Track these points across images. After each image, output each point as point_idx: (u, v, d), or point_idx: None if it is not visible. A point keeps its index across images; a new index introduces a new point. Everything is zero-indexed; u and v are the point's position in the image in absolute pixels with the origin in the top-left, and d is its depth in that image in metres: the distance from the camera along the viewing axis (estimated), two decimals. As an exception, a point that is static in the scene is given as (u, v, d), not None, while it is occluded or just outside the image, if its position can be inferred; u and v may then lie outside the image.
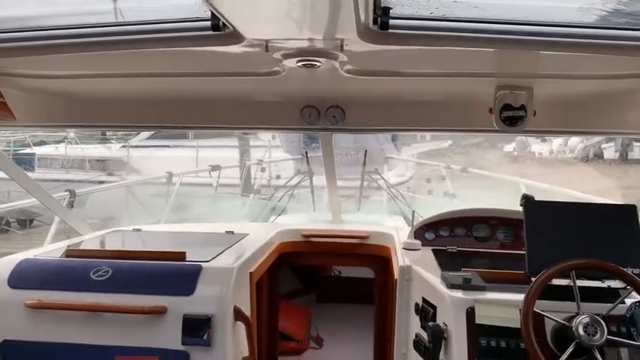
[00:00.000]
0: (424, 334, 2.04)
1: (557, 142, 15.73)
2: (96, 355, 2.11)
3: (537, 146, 16.27)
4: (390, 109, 2.49)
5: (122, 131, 11.17)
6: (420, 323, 2.14)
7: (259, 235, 2.90)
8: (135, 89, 2.36)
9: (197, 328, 2.09)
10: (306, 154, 3.71)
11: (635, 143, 13.45)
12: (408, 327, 2.26)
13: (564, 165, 14.71)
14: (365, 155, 3.69)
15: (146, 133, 12.50)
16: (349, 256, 3.15)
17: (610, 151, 14.19)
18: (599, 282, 2.04)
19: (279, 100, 2.48)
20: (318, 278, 5.50)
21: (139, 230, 3.10)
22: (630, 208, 2.00)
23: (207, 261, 2.29)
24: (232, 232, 2.95)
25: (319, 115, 2.45)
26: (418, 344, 2.14)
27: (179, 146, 11.63)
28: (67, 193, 3.62)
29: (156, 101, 2.50)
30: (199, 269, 2.20)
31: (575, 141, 14.90)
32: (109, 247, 2.66)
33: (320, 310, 5.10)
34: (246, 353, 2.28)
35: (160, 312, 2.10)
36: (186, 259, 2.30)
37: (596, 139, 14.76)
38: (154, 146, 12.03)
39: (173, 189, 5.29)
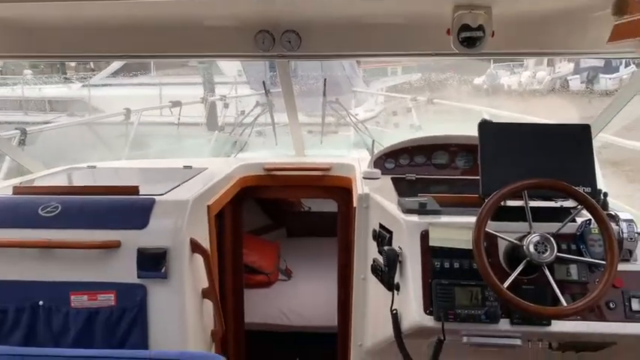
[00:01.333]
0: (381, 259, 2.06)
1: (525, 74, 15.80)
2: (50, 291, 2.07)
3: (507, 79, 16.33)
4: (348, 34, 2.40)
5: (71, 61, 10.73)
6: (377, 249, 2.16)
7: (219, 169, 2.84)
8: (84, 16, 2.22)
9: (152, 262, 2.07)
10: (264, 84, 3.60)
11: (600, 75, 13.58)
12: (367, 253, 2.28)
13: (533, 97, 14.84)
14: (325, 84, 3.59)
15: (107, 71, 12.05)
16: (312, 188, 3.13)
17: (576, 82, 14.32)
18: (553, 202, 2.07)
19: (231, 25, 2.36)
20: (287, 214, 5.53)
21: (94, 167, 3.00)
22: (584, 128, 2.00)
23: (162, 194, 2.24)
24: (190, 167, 2.88)
25: (274, 41, 2.35)
26: (375, 269, 2.16)
27: (142, 84, 11.27)
28: (17, 131, 3.47)
29: (107, 29, 2.37)
30: (152, 202, 2.15)
31: (542, 73, 14.99)
32: (59, 183, 2.57)
33: (290, 245, 5.16)
34: (206, 285, 2.27)
35: (113, 246, 2.06)
36: (140, 193, 2.24)
37: (563, 71, 14.85)
38: (116, 85, 11.63)
39: (132, 127, 5.14)
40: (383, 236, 2.10)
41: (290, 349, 3.85)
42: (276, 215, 5.46)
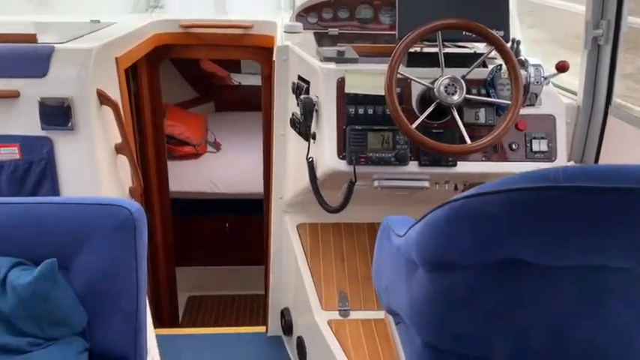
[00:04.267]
0: (299, 111, 2.04)
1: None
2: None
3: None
4: None
5: None
6: (296, 101, 2.13)
7: (130, 23, 2.64)
8: None
9: (56, 113, 1.95)
10: None
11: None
12: (287, 108, 2.25)
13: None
14: None
15: None
16: (233, 48, 2.99)
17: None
18: (467, 49, 2.09)
19: None
20: (215, 88, 5.36)
21: None
22: None
23: (62, 42, 2.06)
24: (98, 21, 2.66)
25: None
26: (293, 122, 2.15)
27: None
28: None
29: None
30: (52, 50, 1.98)
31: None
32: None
33: (218, 119, 5.06)
34: (119, 140, 2.19)
35: (11, 96, 1.92)
36: (38, 42, 2.06)
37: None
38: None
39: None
40: (301, 87, 2.07)
41: (219, 216, 3.92)
42: (204, 89, 5.29)
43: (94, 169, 2.04)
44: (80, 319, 1.57)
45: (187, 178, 3.95)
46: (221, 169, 4.14)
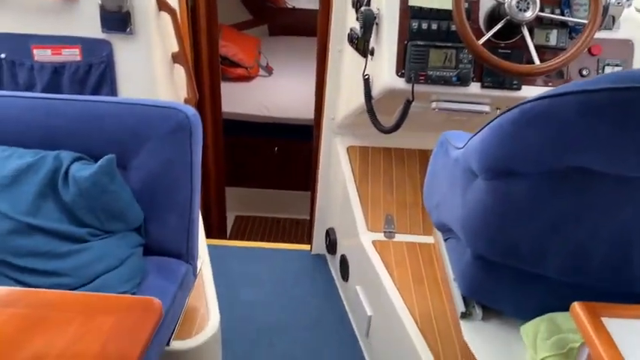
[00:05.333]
0: (357, 26, 1.97)
1: None
2: (11, 43, 1.99)
3: None
4: None
5: None
6: (355, 16, 2.06)
7: None
8: None
9: (115, 17, 1.95)
10: None
11: None
12: (345, 23, 2.18)
13: None
14: None
15: None
16: None
17: None
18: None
19: None
20: (270, 10, 5.25)
21: None
22: None
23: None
24: None
25: None
26: (351, 37, 2.08)
27: None
28: None
29: None
30: None
31: None
32: None
33: (272, 42, 4.99)
34: (176, 48, 2.19)
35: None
36: None
37: None
38: None
39: None
40: (362, 0, 1.98)
41: (268, 138, 3.94)
42: (259, 11, 5.19)
43: (151, 75, 2.05)
44: (136, 215, 1.63)
45: (238, 100, 3.96)
46: (272, 93, 4.13)
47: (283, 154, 3.97)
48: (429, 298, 1.78)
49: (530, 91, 1.79)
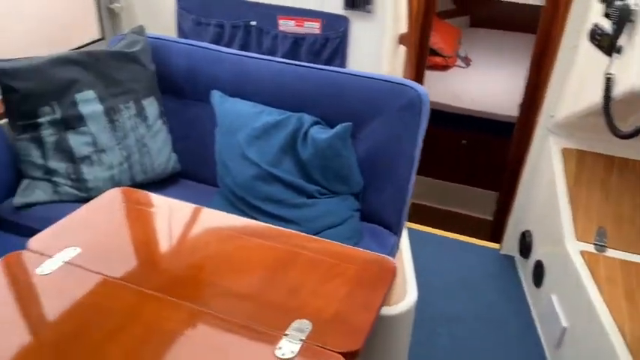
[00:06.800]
0: (604, 22, 1.84)
1: None
2: (261, 13, 2.21)
3: None
4: None
5: None
6: (603, 11, 1.92)
7: None
8: None
9: (359, -6, 2.07)
10: None
11: None
12: (585, 19, 2.05)
13: None
14: None
15: None
16: None
17: None
18: None
19: None
20: (474, 0, 5.13)
21: None
22: None
23: None
24: None
25: None
26: (594, 33, 1.95)
27: None
28: None
29: None
30: None
31: None
32: None
33: (472, 34, 4.89)
34: (404, 30, 2.26)
35: None
36: None
37: None
38: None
39: None
40: (615, -6, 1.84)
41: (457, 130, 3.88)
42: (461, 1, 5.10)
43: (379, 52, 2.15)
44: (358, 181, 1.73)
45: (432, 88, 3.95)
46: (468, 84, 4.05)
47: (471, 148, 3.88)
48: None
49: None
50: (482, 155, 3.80)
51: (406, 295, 1.76)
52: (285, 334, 0.94)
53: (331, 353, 0.91)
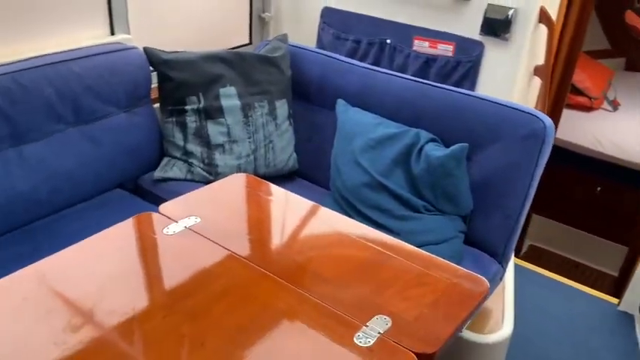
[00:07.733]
0: None
1: None
2: (397, 32, 2.28)
3: None
4: None
5: None
6: None
7: None
8: None
9: (497, 22, 2.05)
10: None
11: None
12: None
13: None
14: None
15: None
16: None
17: None
18: None
19: None
20: (633, 42, 4.76)
21: None
22: None
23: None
24: None
25: None
26: None
27: None
28: None
29: None
30: None
31: None
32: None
33: (627, 77, 4.54)
34: (541, 61, 2.20)
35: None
36: None
37: None
38: None
39: None
40: None
41: (593, 175, 3.63)
42: (619, 42, 4.76)
43: (512, 81, 2.11)
44: (468, 203, 1.72)
45: (571, 128, 3.74)
46: (612, 130, 3.76)
47: (605, 197, 3.60)
48: None
49: None
50: (616, 206, 3.51)
51: (503, 327, 1.71)
52: (366, 325, 0.98)
53: (405, 351, 0.94)
